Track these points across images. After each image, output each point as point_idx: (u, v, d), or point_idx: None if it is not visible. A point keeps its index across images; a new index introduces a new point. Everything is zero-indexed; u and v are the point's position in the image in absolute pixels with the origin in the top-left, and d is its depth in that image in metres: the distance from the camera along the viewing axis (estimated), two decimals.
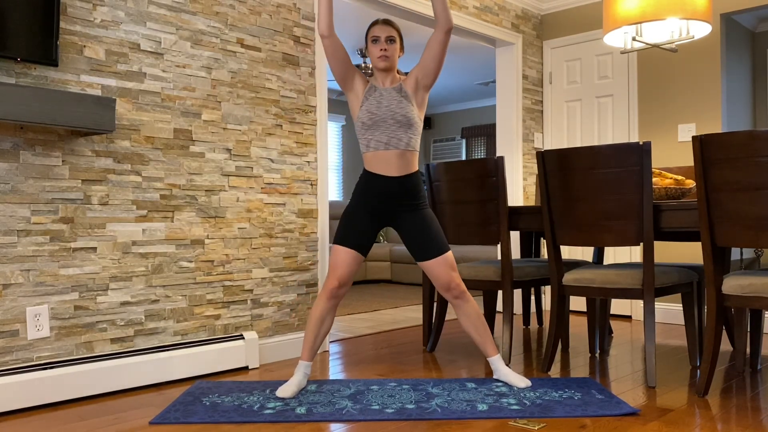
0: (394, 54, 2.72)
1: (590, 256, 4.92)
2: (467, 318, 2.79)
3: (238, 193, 3.22)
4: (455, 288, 2.74)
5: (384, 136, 2.67)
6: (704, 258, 2.59)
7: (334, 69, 2.69)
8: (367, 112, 2.69)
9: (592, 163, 2.85)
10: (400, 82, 2.76)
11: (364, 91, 2.74)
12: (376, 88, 2.74)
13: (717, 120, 4.33)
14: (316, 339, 2.71)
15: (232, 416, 2.35)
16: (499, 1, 4.82)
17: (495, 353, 2.81)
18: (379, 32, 2.70)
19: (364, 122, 2.69)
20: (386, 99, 2.70)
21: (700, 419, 2.33)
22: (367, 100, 2.72)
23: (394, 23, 2.73)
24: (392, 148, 2.67)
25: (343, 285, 2.70)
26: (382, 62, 2.70)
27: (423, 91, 2.75)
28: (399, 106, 2.68)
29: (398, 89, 2.73)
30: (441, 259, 2.72)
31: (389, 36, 2.69)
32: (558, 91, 5.15)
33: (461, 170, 3.34)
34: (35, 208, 2.55)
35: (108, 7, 2.75)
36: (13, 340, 2.50)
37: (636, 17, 3.08)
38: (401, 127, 2.67)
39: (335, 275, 2.69)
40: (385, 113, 2.67)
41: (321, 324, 2.71)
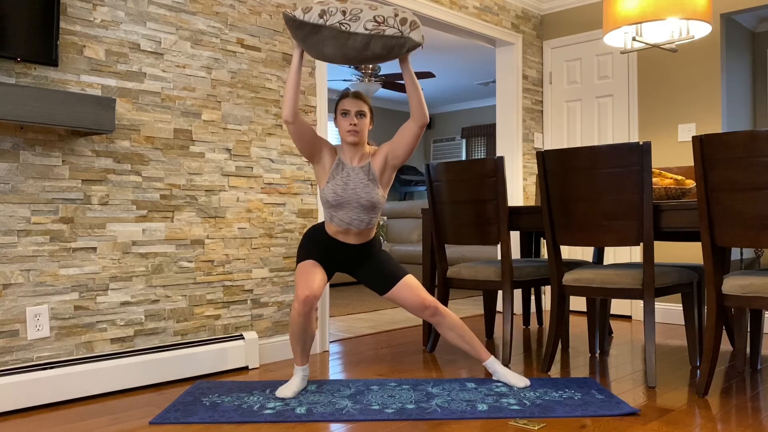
0: (364, 128, 2.68)
1: (590, 256, 4.92)
2: (451, 331, 2.80)
3: (238, 193, 3.22)
4: (430, 305, 2.74)
5: (347, 216, 2.68)
6: (704, 258, 2.59)
7: (300, 150, 2.67)
8: (332, 192, 2.66)
9: (592, 163, 2.85)
10: (369, 160, 2.71)
11: (331, 166, 2.69)
12: (344, 165, 2.69)
13: (717, 120, 4.33)
14: (304, 346, 2.67)
15: (232, 416, 2.35)
16: (499, 1, 4.83)
17: (488, 356, 2.82)
18: (349, 106, 2.66)
19: (329, 200, 2.67)
20: (353, 181, 2.67)
21: (700, 419, 2.33)
22: (333, 178, 2.67)
23: (364, 96, 2.71)
24: (354, 227, 2.71)
25: (313, 292, 2.55)
26: (351, 136, 2.66)
27: (390, 170, 2.74)
28: (365, 191, 2.66)
29: (366, 170, 2.69)
30: (402, 284, 2.74)
31: (359, 110, 2.66)
32: (558, 91, 5.16)
33: (461, 170, 3.34)
34: (35, 208, 2.56)
35: (108, 7, 2.75)
36: (13, 340, 2.50)
37: (636, 17, 3.08)
38: (365, 210, 2.68)
39: (304, 284, 2.56)
40: (350, 196, 2.65)
41: (304, 333, 2.62)
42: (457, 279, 3.48)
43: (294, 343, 2.66)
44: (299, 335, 2.62)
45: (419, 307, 2.74)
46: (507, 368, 2.82)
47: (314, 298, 2.55)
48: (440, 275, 3.54)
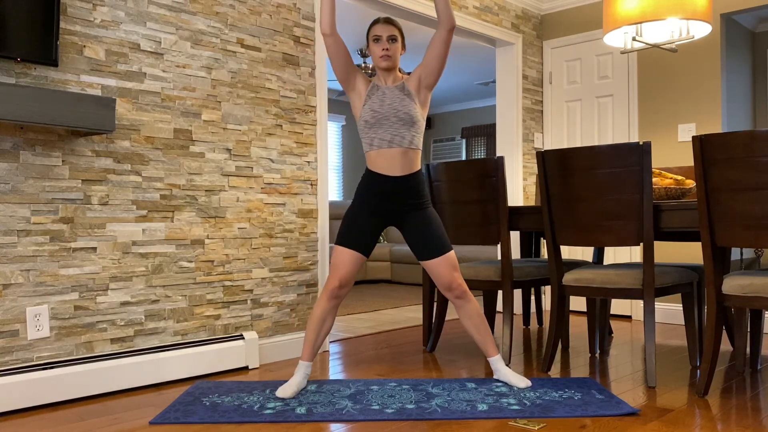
0: (396, 53, 2.71)
1: (590, 256, 4.92)
2: (469, 318, 2.79)
3: (238, 193, 3.22)
4: (457, 288, 2.74)
5: (387, 134, 2.67)
6: (704, 258, 2.59)
7: (336, 68, 2.69)
8: (370, 110, 2.68)
9: (592, 163, 2.85)
10: (402, 80, 2.76)
11: (367, 90, 2.73)
12: (379, 86, 2.73)
13: (717, 120, 4.33)
14: (316, 339, 2.71)
15: (232, 416, 2.35)
16: (499, 1, 4.82)
17: (496, 353, 2.81)
18: (380, 31, 2.69)
19: (367, 120, 2.68)
20: (389, 97, 2.69)
21: (700, 419, 2.33)
22: (369, 99, 2.71)
23: (395, 21, 2.73)
24: (395, 146, 2.67)
25: (344, 285, 2.69)
26: (384, 61, 2.69)
27: (426, 90, 2.74)
28: (402, 104, 2.67)
29: (401, 87, 2.72)
30: (443, 258, 2.72)
31: (391, 35, 2.69)
32: (558, 91, 5.15)
33: (461, 170, 3.34)
34: (35, 208, 2.55)
35: (108, 7, 2.75)
36: (13, 340, 2.50)
37: (636, 17, 3.08)
38: (404, 125, 2.67)
39: (336, 275, 2.68)
40: (388, 111, 2.66)
41: (322, 324, 2.71)
42: None
43: (309, 331, 2.70)
44: (317, 324, 2.68)
45: (447, 286, 2.73)
46: (509, 368, 2.82)
47: (344, 289, 2.67)
48: None
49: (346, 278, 2.69)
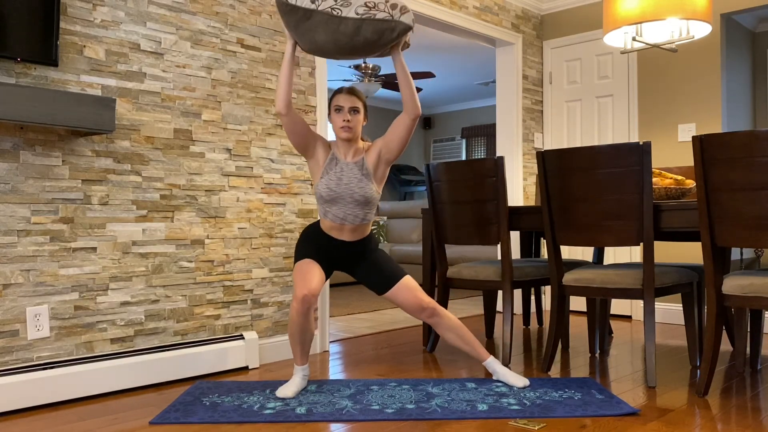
0: (357, 125, 2.68)
1: (590, 256, 4.92)
2: (450, 332, 2.80)
3: (238, 193, 3.22)
4: (427, 306, 2.75)
5: (341, 212, 2.68)
6: (704, 258, 2.59)
7: (294, 143, 2.69)
8: (326, 187, 2.67)
9: (592, 163, 2.85)
10: (362, 155, 2.73)
11: (325, 162, 2.71)
12: (338, 161, 2.70)
13: (717, 120, 4.33)
14: (303, 346, 2.67)
15: (232, 416, 2.35)
16: (499, 1, 4.83)
17: (488, 356, 2.82)
18: (343, 102, 2.66)
19: (323, 196, 2.68)
20: (347, 176, 2.68)
21: (700, 419, 2.33)
22: (327, 174, 2.69)
23: (358, 92, 2.71)
24: (348, 223, 2.71)
25: (311, 292, 2.55)
26: (345, 132, 2.67)
27: (384, 165, 2.75)
28: (359, 186, 2.67)
29: (360, 165, 2.70)
30: (401, 285, 2.74)
31: (353, 106, 2.67)
32: (558, 91, 5.16)
33: (461, 170, 3.34)
34: (35, 208, 2.56)
35: (108, 7, 2.75)
36: (13, 340, 2.50)
37: (636, 17, 3.08)
38: (359, 205, 2.68)
39: (302, 283, 2.56)
40: (344, 191, 2.66)
41: (303, 333, 2.63)
42: (457, 279, 3.48)
43: (293, 342, 2.66)
44: (298, 335, 2.62)
45: (417, 309, 2.74)
46: (507, 368, 2.82)
47: (312, 296, 2.56)
48: (440, 275, 3.54)
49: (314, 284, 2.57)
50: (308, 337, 2.67)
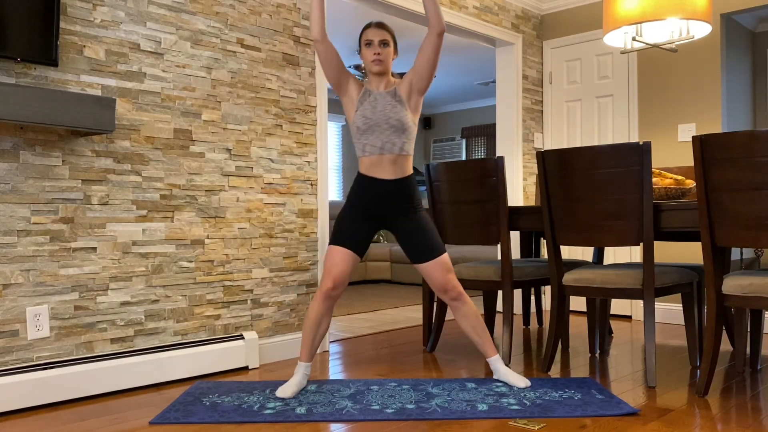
0: (388, 58, 2.70)
1: (590, 256, 4.92)
2: (466, 319, 2.79)
3: (238, 193, 3.22)
4: (452, 290, 2.74)
5: (378, 140, 2.67)
6: (704, 258, 2.59)
7: (327, 75, 2.70)
8: (362, 116, 2.68)
9: (592, 163, 2.85)
10: (395, 86, 2.75)
11: (359, 96, 2.73)
12: (371, 92, 2.73)
13: (717, 120, 4.33)
14: (314, 340, 2.71)
15: (232, 416, 2.35)
16: (499, 1, 4.82)
17: (494, 353, 2.81)
18: (372, 36, 2.68)
19: (359, 127, 2.68)
20: (381, 103, 2.69)
21: (700, 419, 2.33)
22: (362, 105, 2.71)
23: (387, 26, 2.72)
24: (386, 152, 2.68)
25: (338, 286, 2.68)
26: (376, 66, 2.69)
27: (417, 95, 2.74)
28: (393, 111, 2.67)
29: (393, 93, 2.72)
30: (437, 261, 2.72)
31: (382, 39, 2.68)
32: (558, 91, 5.16)
33: (461, 170, 3.34)
34: (35, 208, 2.55)
35: (108, 7, 2.75)
36: (13, 340, 2.50)
37: (636, 17, 3.08)
38: (395, 131, 2.67)
39: (330, 276, 2.67)
40: (379, 118, 2.66)
41: (318, 326, 2.71)
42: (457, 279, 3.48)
43: (306, 333, 2.70)
44: (313, 325, 2.69)
45: (442, 288, 2.74)
46: (509, 368, 2.82)
47: (337, 289, 2.67)
48: None
49: (341, 278, 2.68)
50: (321, 331, 2.72)
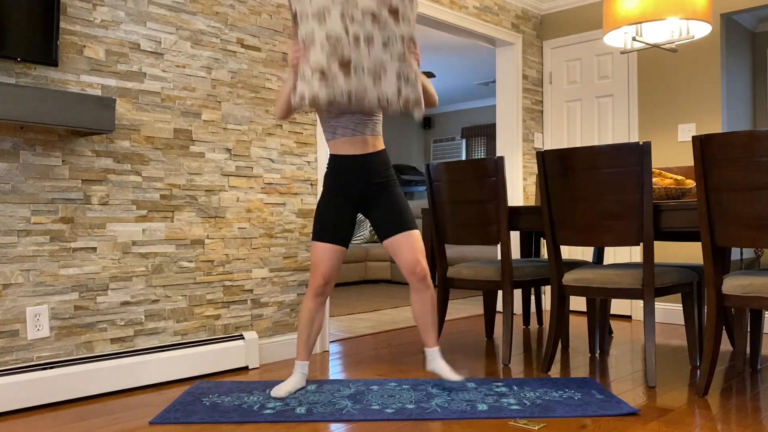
0: None
1: (590, 256, 4.92)
2: (422, 305, 2.73)
3: (238, 193, 3.22)
4: (420, 271, 2.67)
5: (351, 123, 2.65)
6: (704, 258, 2.59)
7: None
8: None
9: (592, 163, 2.85)
10: None
11: None
12: None
13: (717, 120, 4.33)
14: (309, 338, 2.72)
15: (232, 416, 2.35)
16: (499, 1, 4.83)
17: (434, 345, 2.75)
18: None
19: (330, 111, 2.65)
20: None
21: (700, 419, 2.33)
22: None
23: None
24: (359, 134, 2.65)
25: (328, 282, 2.68)
26: None
27: None
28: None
29: None
30: (405, 235, 2.67)
31: None
32: (558, 91, 5.16)
33: (461, 170, 3.34)
34: (35, 208, 2.55)
35: (108, 7, 2.75)
36: (13, 340, 2.50)
37: (636, 17, 3.08)
38: (365, 115, 2.66)
39: (318, 272, 2.67)
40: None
41: (312, 323, 2.71)
42: (457, 279, 3.48)
43: (300, 331, 2.70)
44: (307, 324, 2.70)
45: (410, 268, 2.68)
46: (444, 362, 2.74)
47: (326, 286, 2.67)
48: (440, 275, 3.54)
49: (329, 274, 2.68)
50: (315, 328, 2.72)
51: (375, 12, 2.34)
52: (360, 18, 2.33)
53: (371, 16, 2.34)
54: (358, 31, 2.34)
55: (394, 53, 2.39)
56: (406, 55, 2.45)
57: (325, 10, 2.34)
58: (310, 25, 2.36)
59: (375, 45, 2.35)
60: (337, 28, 2.33)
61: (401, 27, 2.40)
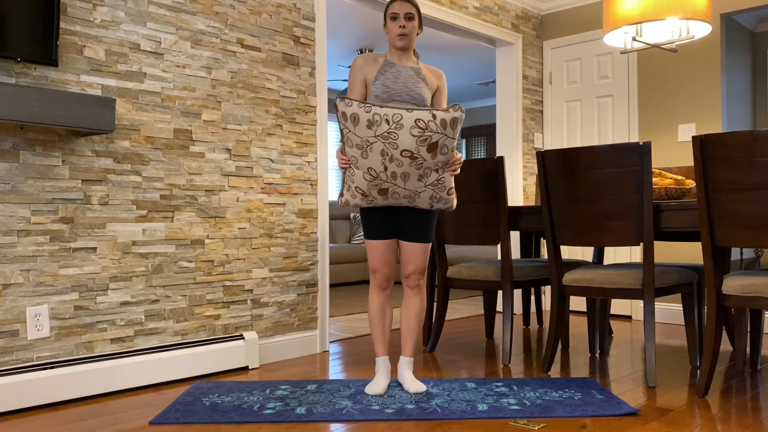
0: (413, 32, 2.68)
1: (590, 256, 4.92)
2: (409, 309, 2.76)
3: (238, 193, 3.22)
4: (413, 280, 2.74)
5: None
6: (704, 258, 2.59)
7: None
8: (383, 85, 2.64)
9: (592, 163, 2.85)
10: (419, 66, 2.74)
11: (378, 69, 2.69)
12: (394, 64, 2.70)
13: (717, 120, 4.33)
14: (384, 332, 2.73)
15: (232, 416, 2.35)
16: (499, 1, 4.82)
17: (410, 356, 2.75)
18: (398, 9, 2.66)
19: (379, 95, 2.64)
20: (404, 75, 2.67)
21: (700, 419, 2.33)
22: (382, 75, 2.67)
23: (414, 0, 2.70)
24: None
25: (387, 277, 2.71)
26: (401, 41, 2.67)
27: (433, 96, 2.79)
28: (416, 85, 2.66)
29: (416, 71, 2.70)
30: (415, 245, 2.70)
31: (407, 13, 2.66)
32: (558, 91, 5.16)
33: (461, 170, 3.34)
34: (35, 208, 2.55)
35: (108, 7, 2.75)
36: (13, 340, 2.50)
37: (636, 17, 3.08)
38: (415, 104, 2.64)
39: (375, 268, 2.70)
40: (401, 88, 2.64)
41: (383, 316, 2.73)
42: (457, 279, 3.48)
43: (373, 327, 2.73)
44: (378, 317, 2.72)
45: (407, 272, 2.73)
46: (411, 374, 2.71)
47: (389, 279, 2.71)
48: (440, 275, 3.54)
49: (385, 268, 2.70)
50: (387, 320, 2.74)
51: (413, 152, 2.45)
52: (399, 157, 2.45)
53: (409, 156, 2.45)
54: (396, 170, 2.47)
55: (429, 182, 2.54)
56: (441, 179, 2.56)
57: (366, 145, 2.45)
58: (354, 152, 2.49)
59: (410, 179, 2.50)
60: (376, 166, 2.47)
61: (438, 157, 2.50)
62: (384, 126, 2.41)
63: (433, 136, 2.44)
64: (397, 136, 2.42)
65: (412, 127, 2.41)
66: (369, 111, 2.43)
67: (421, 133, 2.42)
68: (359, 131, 2.44)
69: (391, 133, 2.41)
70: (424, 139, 2.43)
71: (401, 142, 2.42)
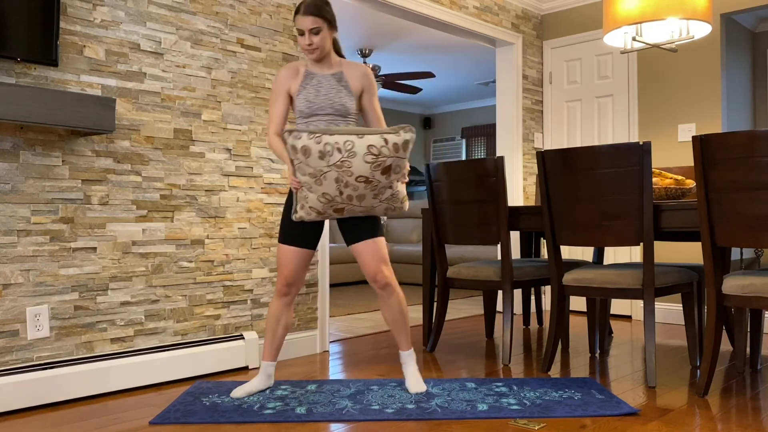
0: (323, 42, 2.59)
1: (590, 256, 4.92)
2: (389, 309, 2.70)
3: (238, 193, 3.22)
4: (381, 279, 2.64)
5: (322, 125, 2.62)
6: (704, 258, 2.59)
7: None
8: (305, 100, 2.62)
9: (592, 163, 2.85)
10: (341, 69, 2.68)
11: (301, 81, 2.65)
12: (314, 74, 2.66)
13: (717, 120, 4.33)
14: (274, 338, 2.69)
15: (232, 416, 2.35)
16: (499, 1, 4.83)
17: (408, 348, 2.73)
18: (302, 25, 2.57)
19: (302, 111, 2.62)
20: (325, 87, 2.64)
21: (700, 419, 2.33)
22: (304, 89, 2.64)
23: (318, 8, 2.56)
24: None
25: (291, 284, 2.65)
26: (311, 54, 2.62)
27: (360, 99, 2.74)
28: (338, 95, 2.63)
29: (338, 77, 2.66)
30: (368, 243, 2.63)
31: (312, 29, 2.56)
32: (558, 91, 5.16)
33: (461, 170, 3.34)
34: (35, 208, 2.56)
35: (108, 7, 2.75)
36: (13, 340, 2.50)
37: (636, 17, 3.08)
38: (339, 116, 2.63)
39: (282, 275, 2.65)
40: (323, 102, 2.61)
41: (277, 323, 2.69)
42: (457, 279, 3.48)
43: (267, 331, 2.70)
44: (273, 323, 2.69)
45: (371, 276, 2.65)
46: (416, 370, 2.71)
47: (291, 286, 2.66)
48: (440, 275, 3.54)
49: (292, 277, 2.65)
50: (281, 328, 2.70)
51: (368, 177, 2.45)
52: (353, 183, 2.45)
53: (364, 181, 2.46)
54: (352, 194, 2.48)
55: (384, 197, 2.55)
56: (395, 193, 2.58)
57: (320, 174, 2.44)
58: (308, 179, 2.47)
59: (366, 198, 2.52)
60: (331, 191, 2.47)
61: (392, 177, 2.51)
62: (336, 155, 2.41)
63: (386, 161, 2.45)
64: (351, 164, 2.42)
65: (365, 154, 2.41)
66: (319, 141, 2.41)
67: (374, 159, 2.43)
68: (311, 162, 2.43)
69: (344, 162, 2.41)
70: (377, 165, 2.44)
71: (356, 170, 2.43)
